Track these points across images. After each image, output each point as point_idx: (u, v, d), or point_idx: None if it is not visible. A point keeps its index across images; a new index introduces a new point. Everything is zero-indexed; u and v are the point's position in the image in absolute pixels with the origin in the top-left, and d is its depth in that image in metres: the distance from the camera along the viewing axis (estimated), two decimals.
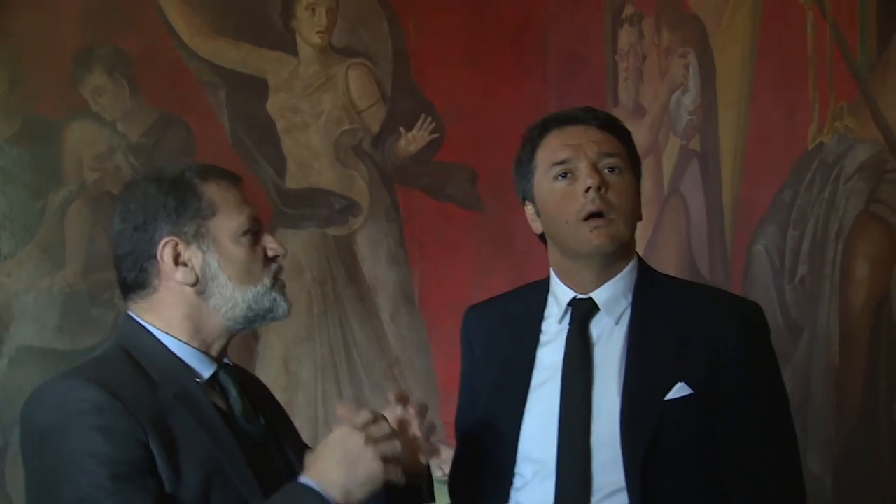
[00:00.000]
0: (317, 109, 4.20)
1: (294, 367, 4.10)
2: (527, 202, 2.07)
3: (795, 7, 2.53)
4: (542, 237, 2.09)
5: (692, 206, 3.03)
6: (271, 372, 4.05)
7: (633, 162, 2.01)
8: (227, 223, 1.64)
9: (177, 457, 1.52)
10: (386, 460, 1.56)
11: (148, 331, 1.64)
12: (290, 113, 4.19)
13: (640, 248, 3.41)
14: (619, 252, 1.97)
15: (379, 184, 4.23)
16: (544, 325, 2.06)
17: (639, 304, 1.99)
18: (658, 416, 1.89)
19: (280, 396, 3.91)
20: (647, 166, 3.35)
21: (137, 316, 1.67)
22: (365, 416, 1.58)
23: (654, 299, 1.99)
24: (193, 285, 1.63)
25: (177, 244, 1.63)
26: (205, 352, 1.67)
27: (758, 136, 2.69)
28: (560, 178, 1.97)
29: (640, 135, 3.44)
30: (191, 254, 1.62)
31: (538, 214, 2.04)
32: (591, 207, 1.92)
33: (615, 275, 1.99)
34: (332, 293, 4.17)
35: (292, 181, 4.18)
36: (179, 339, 1.64)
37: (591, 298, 1.99)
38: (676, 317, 1.95)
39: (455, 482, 2.14)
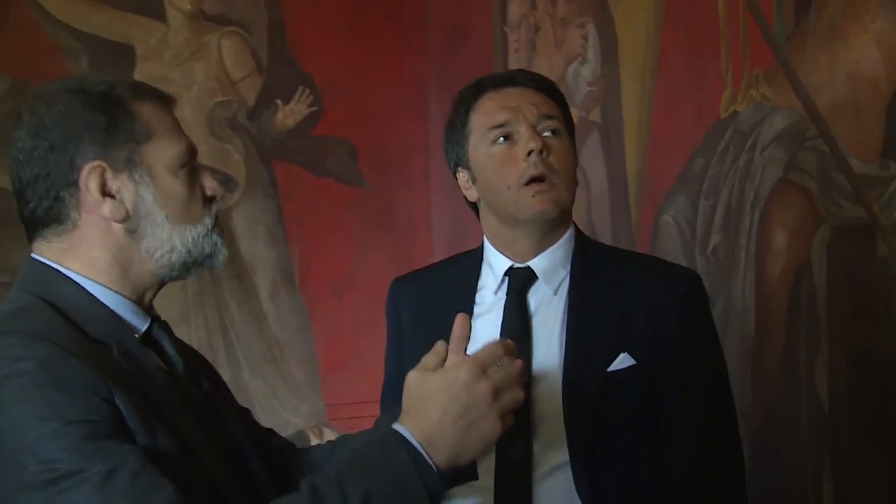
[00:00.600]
0: (188, 80, 3.99)
1: None
2: (460, 169, 1.98)
3: None
4: (473, 206, 2.01)
5: (592, 179, 2.99)
6: None
7: (569, 125, 1.95)
8: (165, 151, 1.38)
9: (140, 420, 1.25)
10: (505, 415, 1.29)
11: (68, 277, 1.36)
12: (159, 83, 3.86)
13: None
14: (560, 218, 1.90)
15: (256, 158, 4.05)
16: (478, 297, 1.97)
17: (577, 273, 1.92)
18: (601, 388, 1.84)
19: None
20: None
21: (49, 259, 1.37)
22: (495, 351, 1.30)
23: (592, 268, 1.93)
24: (122, 221, 1.37)
25: (104, 171, 1.35)
26: (136, 302, 1.40)
27: (665, 106, 2.67)
28: (498, 141, 1.88)
29: None
30: (120, 184, 1.36)
31: (473, 181, 1.95)
32: (534, 171, 1.84)
33: (554, 243, 1.92)
34: (208, 272, 3.96)
35: None
36: (108, 287, 1.37)
37: (528, 267, 1.92)
38: (616, 286, 1.90)
39: None
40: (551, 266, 1.92)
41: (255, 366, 3.97)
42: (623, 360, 1.85)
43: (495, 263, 1.95)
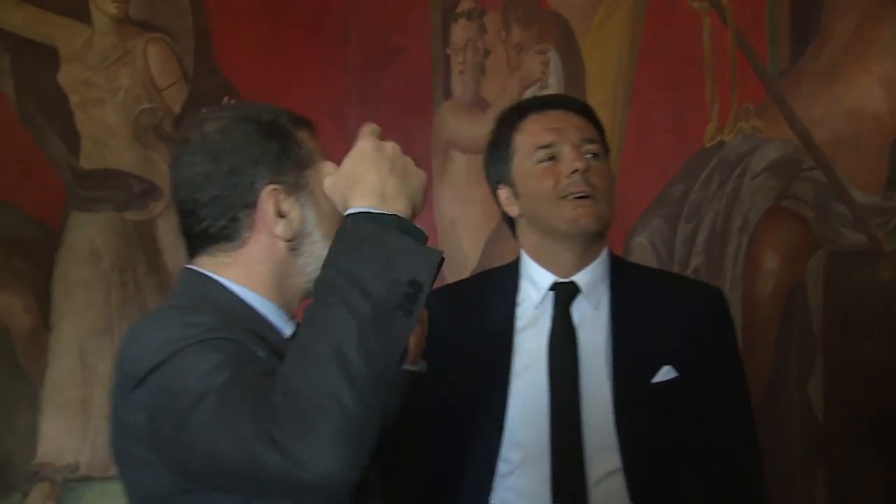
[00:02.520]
0: (114, 85, 3.88)
1: (91, 361, 3.75)
2: (501, 186, 2.05)
3: (686, 11, 2.67)
4: (510, 223, 2.08)
5: None
6: (66, 366, 3.69)
7: (606, 149, 2.05)
8: (319, 176, 1.46)
9: None
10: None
11: (224, 285, 1.43)
12: (83, 86, 3.83)
13: (482, 243, 3.49)
14: (599, 234, 2.01)
15: None
16: (518, 311, 2.05)
17: (617, 288, 2.03)
18: (649, 399, 1.94)
19: (75, 393, 3.68)
20: None
21: (208, 270, 1.45)
22: (373, 129, 1.38)
23: (629, 285, 2.03)
24: (289, 241, 1.44)
25: (279, 193, 1.43)
26: (284, 310, 1.48)
27: (639, 134, 2.81)
28: (544, 161, 1.97)
29: (482, 127, 3.48)
30: (289, 206, 1.43)
31: (516, 197, 2.03)
32: (577, 189, 1.94)
33: (594, 259, 2.02)
34: (133, 282, 3.86)
35: (87, 161, 3.82)
36: (262, 295, 1.45)
37: (572, 282, 2.00)
38: (653, 302, 2.01)
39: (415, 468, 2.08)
40: (593, 281, 2.01)
41: None
42: (666, 373, 1.96)
43: (538, 278, 2.02)
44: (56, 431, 3.67)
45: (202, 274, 1.44)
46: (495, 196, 2.07)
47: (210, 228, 1.43)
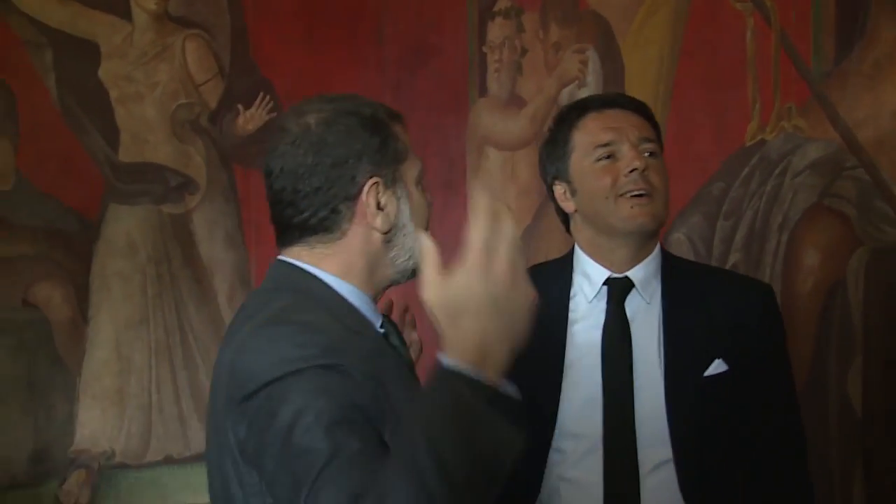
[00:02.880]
0: (152, 80, 3.94)
1: (126, 351, 3.82)
2: (557, 182, 2.09)
3: (729, 13, 2.72)
4: (564, 218, 2.12)
5: None
6: (102, 356, 3.76)
7: (661, 148, 2.09)
8: (413, 168, 1.51)
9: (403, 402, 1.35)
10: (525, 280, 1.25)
11: (324, 282, 1.46)
12: (123, 82, 3.90)
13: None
14: (655, 231, 2.04)
15: (216, 162, 4.03)
16: (572, 304, 2.09)
17: (668, 284, 2.07)
18: (700, 391, 1.98)
19: (111, 383, 3.74)
20: (528, 157, 3.46)
21: (305, 262, 1.47)
22: (486, 223, 1.19)
23: (680, 280, 2.08)
24: (385, 233, 1.48)
25: (379, 186, 1.47)
26: (372, 301, 1.51)
27: (678, 133, 2.85)
28: (603, 159, 2.01)
29: (518, 125, 3.55)
30: (387, 199, 1.47)
31: (573, 194, 2.06)
32: (635, 187, 1.98)
33: (648, 255, 2.06)
34: (168, 274, 3.93)
35: (126, 154, 3.89)
36: (357, 287, 1.47)
37: (626, 277, 2.05)
38: (703, 297, 2.05)
39: None
40: (646, 277, 2.05)
41: (212, 368, 3.94)
42: (717, 366, 2.00)
43: (592, 273, 2.06)
44: (92, 420, 3.75)
45: (300, 268, 1.46)
46: (551, 192, 2.11)
47: (310, 219, 1.45)
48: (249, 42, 4.12)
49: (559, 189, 2.09)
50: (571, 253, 2.12)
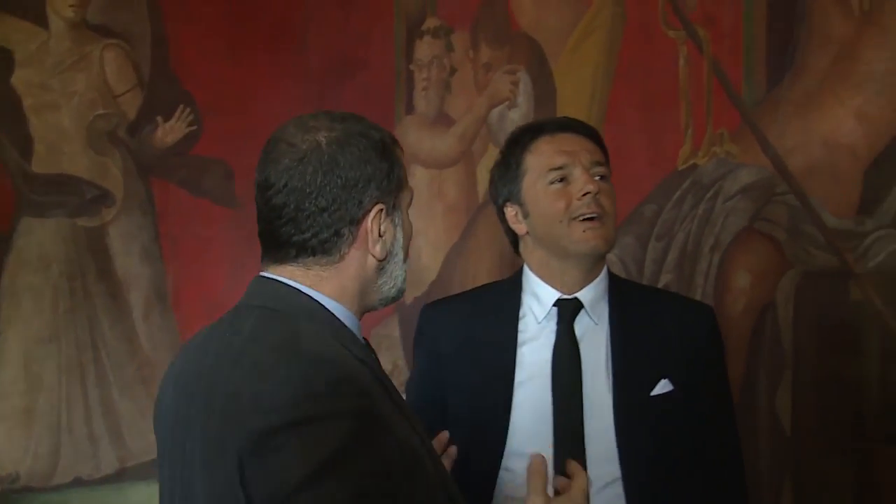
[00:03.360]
0: (69, 89, 3.85)
1: (36, 368, 3.72)
2: (509, 204, 2.10)
3: (662, 40, 2.79)
4: (514, 240, 2.14)
5: None
6: (9, 374, 3.66)
7: (610, 172, 2.13)
8: (408, 196, 1.49)
9: (409, 429, 1.39)
10: None
11: (324, 306, 1.43)
12: (38, 90, 3.80)
13: (442, 257, 3.55)
14: (605, 254, 2.08)
15: (134, 174, 3.96)
16: (521, 325, 2.11)
17: (616, 305, 2.10)
18: (647, 410, 2.02)
19: (18, 402, 3.63)
20: (455, 175, 3.48)
21: (301, 284, 1.42)
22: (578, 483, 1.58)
23: (627, 301, 2.12)
24: (381, 260, 1.46)
25: (382, 212, 1.43)
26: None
27: (612, 154, 2.89)
28: (555, 182, 2.04)
29: (446, 143, 3.57)
30: (386, 226, 1.44)
31: (525, 216, 2.08)
32: (588, 210, 2.01)
33: (596, 276, 2.09)
34: (82, 289, 3.83)
35: (40, 165, 3.79)
36: (350, 311, 1.45)
37: (576, 298, 2.08)
38: (650, 318, 2.09)
39: None
40: (595, 298, 2.09)
41: (126, 385, 3.87)
42: (664, 386, 2.04)
43: (542, 294, 2.08)
44: None
45: (296, 289, 1.42)
46: (501, 214, 2.12)
47: (311, 240, 1.41)
48: (170, 53, 4.06)
49: (510, 211, 2.11)
50: (520, 274, 2.14)
